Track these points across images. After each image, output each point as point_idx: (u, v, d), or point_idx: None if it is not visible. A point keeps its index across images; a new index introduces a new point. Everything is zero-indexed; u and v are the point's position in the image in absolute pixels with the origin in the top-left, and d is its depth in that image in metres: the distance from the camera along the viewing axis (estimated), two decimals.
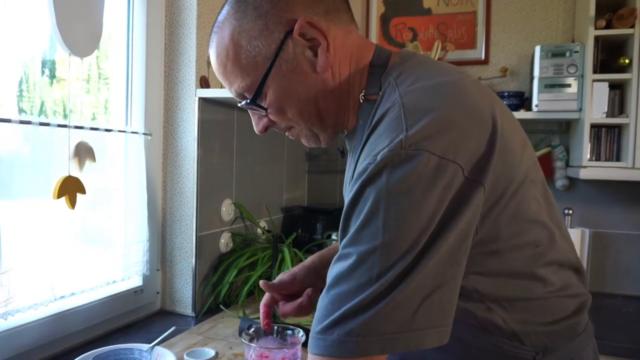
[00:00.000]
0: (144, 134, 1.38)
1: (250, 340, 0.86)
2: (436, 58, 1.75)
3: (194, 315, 1.48)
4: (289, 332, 0.91)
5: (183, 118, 1.47)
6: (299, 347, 0.87)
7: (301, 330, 0.89)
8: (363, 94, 0.66)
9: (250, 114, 0.75)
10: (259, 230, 1.81)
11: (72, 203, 1.09)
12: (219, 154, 1.58)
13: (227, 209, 1.62)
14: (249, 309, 1.51)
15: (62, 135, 1.09)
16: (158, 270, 1.50)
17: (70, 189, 1.08)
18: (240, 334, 1.27)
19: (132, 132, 1.34)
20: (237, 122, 1.67)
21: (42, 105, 1.16)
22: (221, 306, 1.49)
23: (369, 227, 0.52)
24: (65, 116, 1.15)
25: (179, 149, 1.48)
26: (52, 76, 1.18)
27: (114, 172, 1.30)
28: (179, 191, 1.49)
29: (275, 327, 0.92)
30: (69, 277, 1.17)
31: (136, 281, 1.42)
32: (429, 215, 0.51)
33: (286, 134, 0.75)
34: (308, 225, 1.99)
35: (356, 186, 0.54)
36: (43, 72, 1.16)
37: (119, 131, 1.29)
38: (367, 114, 0.63)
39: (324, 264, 0.89)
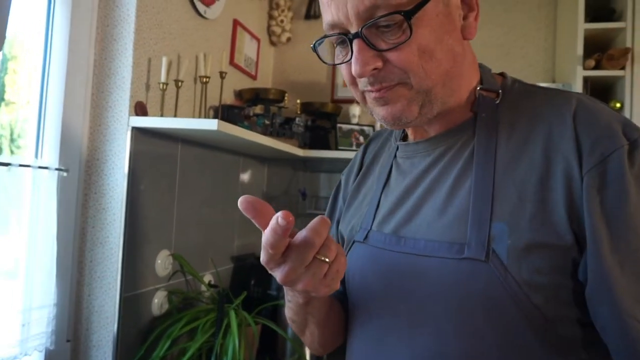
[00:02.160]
0: (57, 169, 1.10)
1: None
2: None
3: None
4: None
5: (112, 151, 1.20)
6: None
7: None
8: (479, 87, 0.63)
9: (358, 49, 0.56)
10: (202, 285, 1.52)
11: None
12: (156, 195, 1.31)
13: (163, 262, 1.34)
14: None
15: None
16: (68, 341, 1.19)
17: None
18: None
19: (41, 167, 1.05)
20: (180, 157, 1.41)
21: None
22: None
23: None
24: None
25: (105, 188, 1.20)
26: None
27: (15, 218, 1.01)
28: (102, 241, 1.20)
29: None
30: None
31: (36, 358, 1.10)
32: None
33: (379, 95, 0.59)
34: (262, 278, 1.72)
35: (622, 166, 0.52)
36: None
37: (21, 165, 1.01)
38: (491, 108, 0.62)
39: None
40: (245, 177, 1.84)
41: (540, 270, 0.53)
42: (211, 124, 1.12)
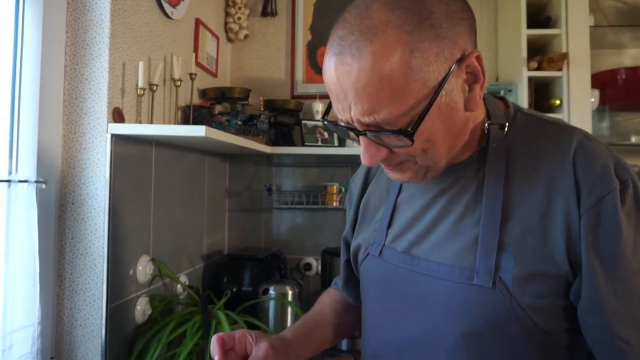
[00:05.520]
0: (36, 181, 1.05)
1: None
2: None
3: None
4: None
5: (89, 159, 1.16)
6: None
7: None
8: (488, 122, 0.67)
9: (364, 144, 0.61)
10: (179, 287, 1.52)
11: None
12: (135, 201, 1.29)
13: (144, 268, 1.32)
14: None
15: None
16: (52, 358, 1.15)
17: None
18: None
19: (20, 181, 1.01)
20: (155, 160, 1.39)
21: None
22: None
23: None
24: None
25: (83, 198, 1.17)
26: None
27: None
28: (82, 252, 1.17)
29: None
30: None
31: None
32: None
33: (387, 168, 0.67)
34: (234, 275, 1.74)
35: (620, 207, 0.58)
36: None
37: (2, 181, 0.96)
38: (499, 140, 0.66)
39: (302, 344, 0.80)
40: (209, 175, 1.84)
41: (541, 294, 0.60)
42: (199, 131, 1.12)
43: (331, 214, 2.01)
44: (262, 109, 1.89)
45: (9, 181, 0.98)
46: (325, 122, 0.64)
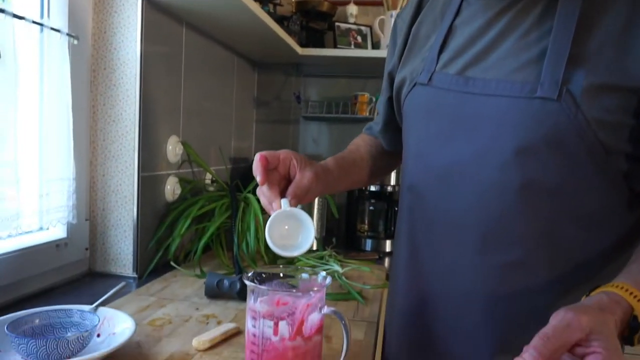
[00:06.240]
0: (68, 35, 1.03)
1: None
2: None
3: (135, 276, 1.17)
4: (304, 275, 0.67)
5: (120, 24, 1.13)
6: (324, 291, 0.64)
7: (323, 273, 0.66)
8: None
9: None
10: (207, 179, 1.52)
11: None
12: (165, 78, 1.27)
13: (174, 148, 1.31)
14: (207, 266, 1.24)
15: None
16: (87, 220, 1.16)
17: None
18: (207, 294, 1.00)
19: (52, 29, 0.98)
20: (185, 44, 1.36)
21: None
22: (172, 263, 1.20)
23: None
24: None
25: (115, 63, 1.14)
26: None
27: (23, 78, 0.94)
28: (115, 118, 1.16)
29: (281, 273, 0.68)
30: None
31: (59, 232, 1.08)
32: None
33: None
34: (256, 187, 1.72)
35: None
36: None
37: (34, 22, 0.94)
38: None
39: (341, 177, 0.80)
40: (237, 81, 1.80)
41: (609, 109, 0.57)
42: None
43: (361, 125, 1.95)
44: (293, 11, 1.82)
45: (41, 25, 0.96)
46: None
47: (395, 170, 1.61)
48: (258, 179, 0.66)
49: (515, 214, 0.62)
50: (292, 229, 0.65)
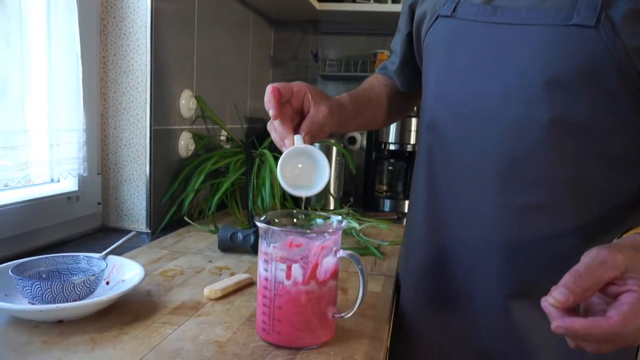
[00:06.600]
0: None
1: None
2: None
3: (149, 231, 1.15)
4: (319, 220, 0.63)
5: None
6: (339, 234, 0.60)
7: (338, 217, 0.62)
8: None
9: None
10: (221, 137, 1.48)
11: None
12: (177, 30, 1.22)
13: (187, 102, 1.27)
14: (221, 223, 1.21)
15: None
16: (98, 174, 1.14)
17: None
18: (220, 247, 0.97)
19: None
20: None
21: None
22: (186, 219, 1.17)
23: None
24: None
25: (125, 11, 1.10)
26: None
27: (29, 23, 0.90)
28: (126, 69, 1.12)
29: (295, 219, 0.64)
30: None
31: (70, 184, 1.06)
32: None
33: None
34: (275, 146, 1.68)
35: None
36: None
37: None
38: None
39: (356, 114, 0.78)
40: (253, 40, 1.74)
41: None
42: None
43: None
44: None
45: None
46: None
47: (415, 129, 1.55)
48: (270, 112, 0.61)
49: (541, 153, 0.58)
50: (306, 167, 0.61)
